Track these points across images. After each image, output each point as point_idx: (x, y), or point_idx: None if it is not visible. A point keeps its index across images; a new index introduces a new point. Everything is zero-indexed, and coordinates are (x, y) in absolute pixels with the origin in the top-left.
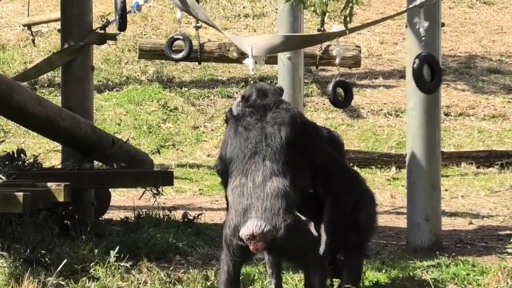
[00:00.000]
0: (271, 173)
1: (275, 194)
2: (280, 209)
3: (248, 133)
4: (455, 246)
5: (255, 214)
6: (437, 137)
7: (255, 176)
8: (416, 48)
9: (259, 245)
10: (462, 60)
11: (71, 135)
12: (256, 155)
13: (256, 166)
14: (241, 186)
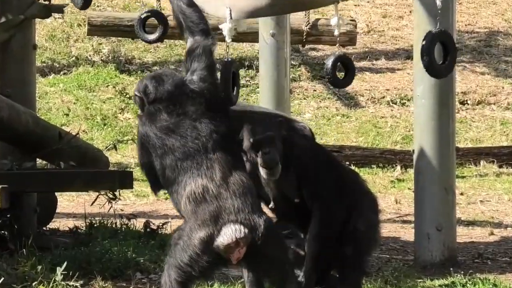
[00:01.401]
0: (229, 166)
1: (242, 190)
2: (252, 205)
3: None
4: (473, 261)
5: (228, 217)
6: (451, 130)
7: (213, 174)
8: (426, 23)
9: (242, 252)
10: (481, 37)
11: (9, 127)
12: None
13: (208, 163)
14: (199, 191)
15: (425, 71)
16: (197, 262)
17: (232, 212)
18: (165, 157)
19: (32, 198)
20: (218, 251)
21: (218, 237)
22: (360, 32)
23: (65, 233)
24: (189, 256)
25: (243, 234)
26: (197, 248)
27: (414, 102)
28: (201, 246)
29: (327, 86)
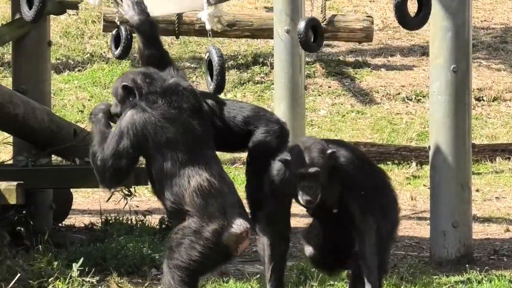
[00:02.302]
0: (219, 164)
1: (233, 187)
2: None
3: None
4: (489, 258)
5: (233, 210)
6: (466, 126)
7: (212, 170)
8: (442, 19)
9: (248, 242)
10: (497, 34)
11: (24, 124)
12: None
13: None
14: (205, 184)
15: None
16: (209, 256)
17: (234, 206)
18: (165, 148)
19: (48, 195)
20: (227, 243)
21: (229, 228)
22: (376, 29)
23: (80, 230)
24: (199, 252)
25: (248, 226)
26: (209, 241)
27: (430, 98)
28: (213, 238)
29: (342, 83)
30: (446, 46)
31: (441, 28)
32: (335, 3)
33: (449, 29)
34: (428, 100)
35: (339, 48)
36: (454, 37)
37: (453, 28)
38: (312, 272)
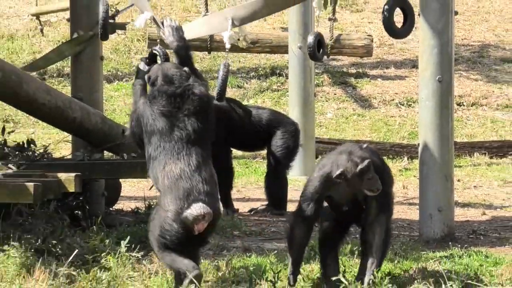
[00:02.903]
0: (203, 158)
1: (210, 179)
2: (215, 193)
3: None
4: (468, 237)
5: (198, 196)
6: (450, 127)
7: (190, 161)
8: (429, 38)
9: (204, 226)
10: (475, 49)
11: (81, 125)
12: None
13: (185, 151)
14: (177, 170)
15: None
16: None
17: (201, 193)
18: (154, 136)
19: (101, 184)
20: (186, 221)
21: (188, 209)
22: (374, 46)
23: (128, 213)
24: (161, 226)
25: (208, 211)
26: (169, 219)
27: (419, 104)
28: (173, 216)
29: (345, 91)
30: (432, 60)
31: (429, 46)
32: (341, 24)
33: (435, 46)
34: (418, 105)
35: (343, 62)
36: (439, 53)
37: (438, 45)
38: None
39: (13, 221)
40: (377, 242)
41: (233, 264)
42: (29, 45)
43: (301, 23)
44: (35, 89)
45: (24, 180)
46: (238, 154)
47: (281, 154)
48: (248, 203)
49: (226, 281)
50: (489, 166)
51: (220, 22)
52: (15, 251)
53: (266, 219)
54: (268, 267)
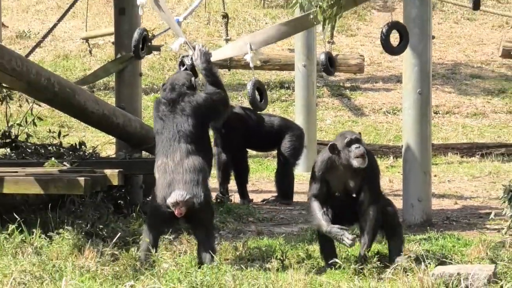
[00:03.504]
0: (186, 152)
1: (192, 169)
2: (199, 181)
3: (164, 121)
4: (443, 222)
5: (177, 186)
6: (428, 131)
7: (174, 156)
8: (411, 57)
9: (182, 210)
10: (448, 67)
11: (124, 130)
12: (174, 140)
13: (175, 148)
14: (163, 165)
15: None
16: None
17: (180, 182)
18: (157, 135)
19: (139, 178)
20: (169, 206)
21: (168, 197)
22: (365, 64)
23: None
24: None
25: (183, 198)
26: (157, 203)
27: (402, 112)
28: (160, 202)
29: (342, 101)
30: (413, 76)
31: (411, 64)
32: (338, 46)
33: (416, 64)
34: (401, 113)
35: (340, 77)
36: (419, 70)
37: (418, 64)
38: None
39: (67, 209)
40: (368, 228)
41: (248, 245)
42: (81, 64)
43: (305, 45)
44: (86, 100)
45: (76, 175)
46: (252, 153)
47: (289, 153)
48: (261, 194)
49: (242, 259)
50: (461, 164)
51: (241, 47)
52: (68, 234)
53: (276, 207)
54: (277, 247)
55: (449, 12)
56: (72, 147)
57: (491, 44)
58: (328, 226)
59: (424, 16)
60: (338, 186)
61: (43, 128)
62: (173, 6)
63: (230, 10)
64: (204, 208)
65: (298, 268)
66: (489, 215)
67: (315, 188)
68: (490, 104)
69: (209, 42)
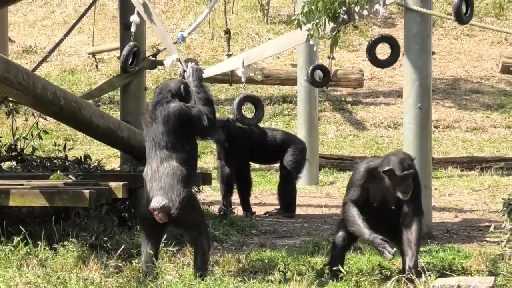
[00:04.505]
0: (161, 159)
1: (166, 175)
2: (174, 186)
3: (147, 128)
4: (443, 235)
5: (155, 193)
6: (428, 145)
7: (153, 164)
8: (412, 72)
9: (161, 216)
10: (449, 82)
11: (128, 143)
12: (153, 147)
13: (153, 155)
14: (145, 173)
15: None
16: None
17: (157, 189)
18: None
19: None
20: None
21: (150, 204)
22: (366, 79)
23: None
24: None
25: (159, 204)
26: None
27: (403, 126)
28: (144, 208)
29: (343, 115)
30: (414, 91)
31: (411, 79)
32: (339, 61)
33: (416, 79)
34: (402, 128)
35: (341, 92)
36: (419, 85)
37: (419, 79)
38: (324, 245)
39: (72, 221)
40: (415, 239)
41: (251, 257)
42: (86, 78)
43: (307, 60)
44: (91, 114)
45: (81, 188)
46: (255, 166)
47: (291, 167)
48: (263, 207)
49: (245, 271)
50: (461, 177)
51: (234, 62)
52: (73, 246)
53: (279, 220)
54: (280, 260)
55: (449, 28)
56: (77, 160)
57: (490, 60)
58: (371, 235)
59: (424, 32)
60: (377, 197)
61: (49, 141)
62: (178, 21)
63: (233, 26)
64: (184, 211)
65: (300, 280)
66: (488, 228)
67: (354, 194)
68: (489, 118)
69: (212, 57)
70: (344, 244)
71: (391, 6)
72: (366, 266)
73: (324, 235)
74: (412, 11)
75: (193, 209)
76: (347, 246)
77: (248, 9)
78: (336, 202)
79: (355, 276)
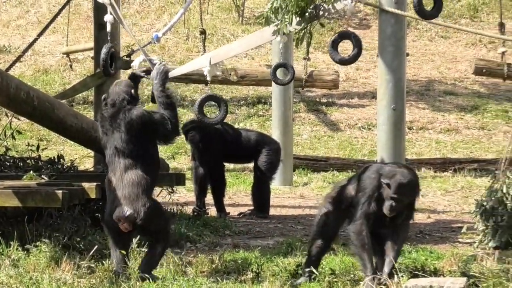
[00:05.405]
0: (124, 168)
1: (131, 184)
2: (139, 195)
3: (108, 136)
4: (416, 236)
5: (119, 202)
6: (402, 146)
7: (116, 172)
8: (385, 74)
9: (126, 226)
10: (423, 84)
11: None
12: (115, 155)
13: (116, 164)
14: (108, 181)
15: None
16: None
17: (121, 198)
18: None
19: None
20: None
21: (114, 213)
22: (341, 80)
23: None
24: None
25: (124, 214)
26: (105, 218)
27: (377, 127)
28: (107, 217)
29: (318, 116)
30: (388, 92)
31: (385, 80)
32: (314, 63)
33: (390, 81)
34: (376, 129)
35: (316, 93)
36: (393, 86)
37: (393, 80)
38: (297, 245)
39: (44, 222)
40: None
41: (224, 258)
42: (60, 78)
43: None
44: (65, 114)
45: (54, 188)
46: (229, 167)
47: (265, 167)
48: (237, 208)
49: (218, 272)
50: (434, 178)
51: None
52: (46, 247)
53: (252, 221)
54: (253, 260)
55: (424, 30)
56: (51, 160)
57: (464, 62)
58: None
59: (399, 34)
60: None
61: (22, 141)
62: (153, 22)
63: (209, 27)
64: (149, 220)
65: (273, 280)
66: (461, 229)
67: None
68: (463, 120)
69: (187, 57)
70: (321, 251)
71: (365, 8)
72: (339, 266)
73: (298, 235)
74: (386, 13)
75: (158, 218)
76: (324, 252)
77: (223, 10)
78: (310, 203)
79: (328, 277)
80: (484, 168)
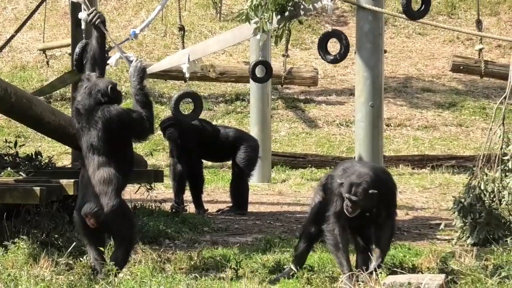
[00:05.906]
0: (97, 165)
1: (102, 181)
2: (107, 193)
3: (83, 131)
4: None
5: (88, 198)
6: (380, 143)
7: (89, 168)
8: (363, 71)
9: (92, 221)
10: (400, 81)
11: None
12: (90, 152)
13: (89, 160)
14: (81, 177)
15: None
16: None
17: (91, 194)
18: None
19: None
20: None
21: (82, 209)
22: (319, 77)
23: None
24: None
25: (91, 210)
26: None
27: (355, 124)
28: (76, 212)
29: (296, 113)
30: (366, 89)
31: (363, 77)
32: (292, 60)
33: (368, 78)
34: (354, 126)
35: (294, 90)
36: (371, 83)
37: (370, 77)
38: (275, 242)
39: (22, 218)
40: (384, 242)
41: (203, 255)
42: (38, 74)
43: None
44: (42, 110)
45: (32, 185)
46: (208, 164)
47: (244, 164)
48: (216, 204)
49: (197, 269)
50: (412, 175)
51: (179, 58)
52: (24, 243)
53: (231, 217)
54: (232, 257)
55: (401, 27)
56: (28, 157)
57: (442, 59)
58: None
59: (376, 31)
60: None
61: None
62: (130, 18)
63: (186, 23)
64: (112, 218)
65: (252, 277)
66: (439, 225)
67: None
68: (440, 117)
69: (165, 54)
70: (314, 237)
71: (343, 5)
72: (318, 263)
73: (276, 232)
74: (364, 10)
75: (122, 218)
76: (317, 238)
77: (201, 6)
78: (289, 199)
79: (307, 274)
80: (462, 165)
